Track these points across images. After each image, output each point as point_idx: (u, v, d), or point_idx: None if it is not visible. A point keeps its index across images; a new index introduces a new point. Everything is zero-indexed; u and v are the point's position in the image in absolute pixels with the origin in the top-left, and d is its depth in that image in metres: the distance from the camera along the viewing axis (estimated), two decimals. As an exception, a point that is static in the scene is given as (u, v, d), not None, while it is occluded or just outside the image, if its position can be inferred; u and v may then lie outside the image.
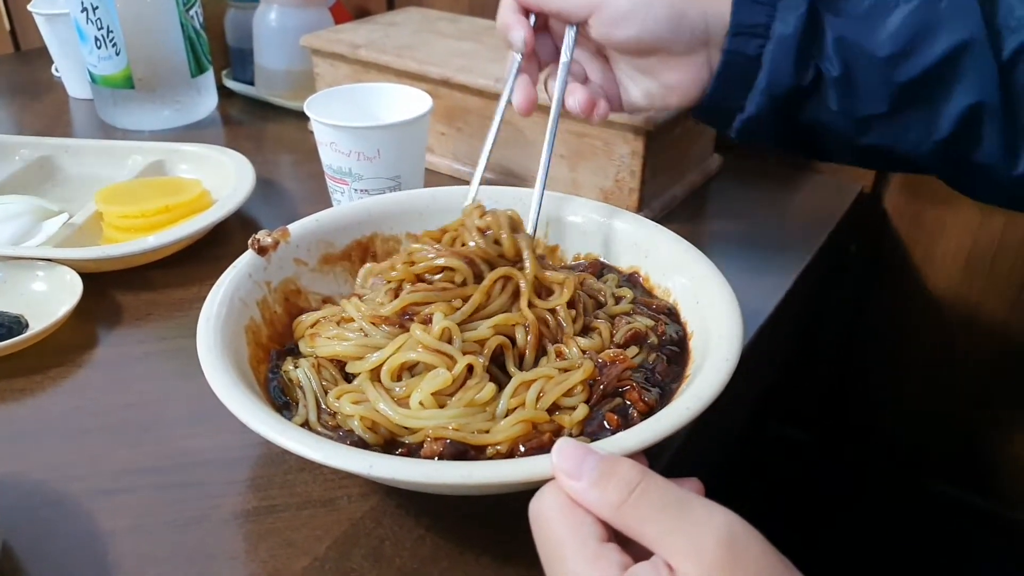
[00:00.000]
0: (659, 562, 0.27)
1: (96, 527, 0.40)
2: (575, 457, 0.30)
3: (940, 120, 0.45)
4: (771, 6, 0.46)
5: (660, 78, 0.50)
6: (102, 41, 0.81)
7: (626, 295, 0.50)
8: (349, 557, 0.38)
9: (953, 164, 0.48)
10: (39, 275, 0.56)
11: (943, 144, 0.46)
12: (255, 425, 0.36)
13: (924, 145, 0.46)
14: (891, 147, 0.48)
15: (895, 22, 0.44)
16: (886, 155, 0.49)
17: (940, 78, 0.44)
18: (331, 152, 0.62)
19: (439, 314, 0.42)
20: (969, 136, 0.45)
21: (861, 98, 0.46)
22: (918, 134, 0.46)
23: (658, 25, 0.47)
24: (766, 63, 0.46)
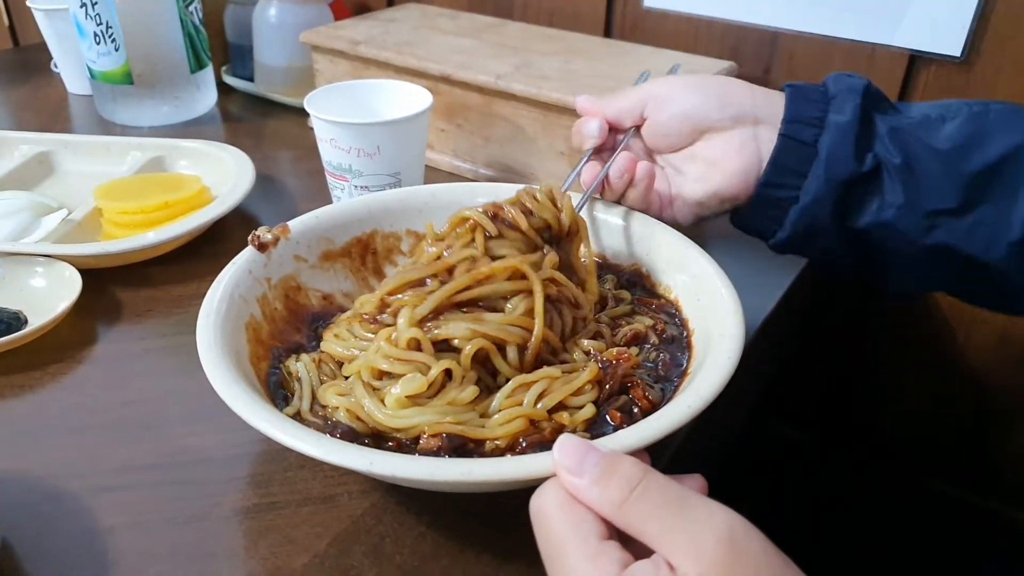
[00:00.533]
0: (659, 560, 0.27)
1: (96, 524, 0.40)
2: (577, 454, 0.30)
3: (1012, 219, 0.44)
4: (825, 103, 0.47)
5: (706, 156, 0.51)
6: (101, 37, 0.81)
7: (625, 297, 0.50)
8: (349, 554, 0.38)
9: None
10: (38, 271, 0.56)
11: (1018, 247, 0.44)
12: (256, 422, 0.36)
13: (997, 248, 0.45)
14: (962, 249, 0.45)
15: (949, 130, 0.45)
16: (956, 259, 0.46)
17: (1004, 175, 0.44)
18: (331, 148, 0.62)
19: (403, 318, 0.41)
20: None
21: (927, 189, 0.45)
22: (989, 233, 0.45)
23: (700, 100, 0.50)
24: (823, 148, 0.46)
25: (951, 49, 0.71)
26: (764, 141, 0.49)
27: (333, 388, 0.41)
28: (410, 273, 0.44)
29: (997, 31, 0.68)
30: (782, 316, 0.60)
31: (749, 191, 0.50)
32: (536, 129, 0.69)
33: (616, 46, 0.78)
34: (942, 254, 0.46)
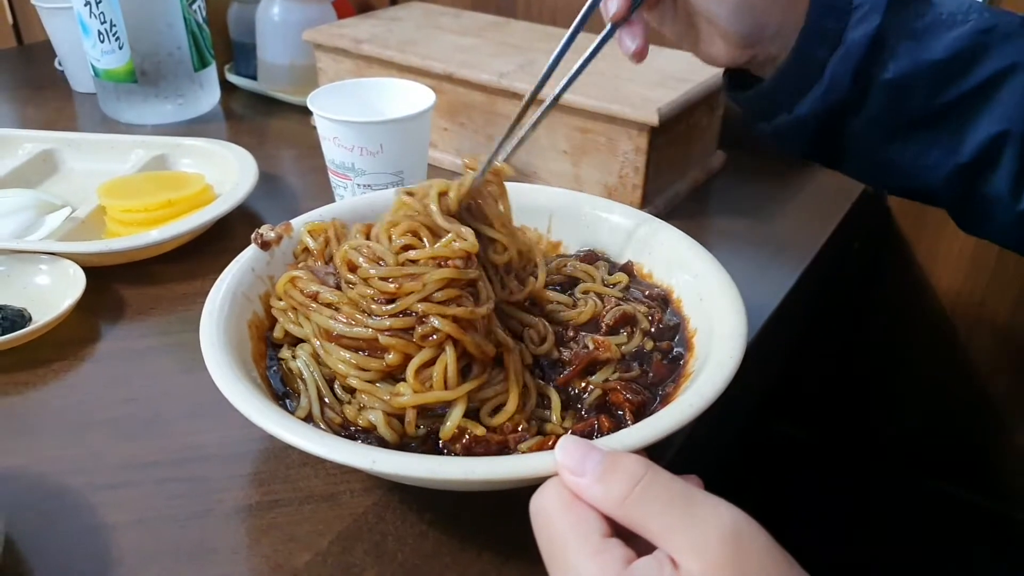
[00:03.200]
0: (662, 556, 0.27)
1: (98, 521, 0.40)
2: (578, 453, 0.30)
3: (964, 144, 0.45)
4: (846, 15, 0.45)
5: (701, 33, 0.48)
6: (105, 35, 0.81)
7: (622, 280, 0.50)
8: (351, 552, 0.38)
9: (963, 194, 0.47)
10: (42, 269, 0.56)
11: (960, 169, 0.46)
12: (259, 420, 0.36)
13: (943, 168, 0.46)
14: (907, 166, 0.47)
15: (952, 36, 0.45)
16: (900, 173, 0.48)
17: (975, 101, 0.44)
18: (334, 147, 0.62)
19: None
20: (985, 165, 0.45)
21: (903, 108, 0.46)
22: (940, 155, 0.46)
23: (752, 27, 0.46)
24: (828, 73, 0.46)
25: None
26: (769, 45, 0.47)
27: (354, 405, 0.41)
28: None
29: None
30: (785, 315, 0.60)
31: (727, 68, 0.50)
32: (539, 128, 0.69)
33: (619, 45, 0.78)
34: (891, 166, 0.48)
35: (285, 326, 0.45)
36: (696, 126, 0.71)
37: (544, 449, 0.38)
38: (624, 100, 0.63)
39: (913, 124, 0.46)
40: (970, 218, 0.50)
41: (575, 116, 0.66)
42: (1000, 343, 0.80)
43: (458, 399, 0.39)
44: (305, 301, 0.43)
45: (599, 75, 0.69)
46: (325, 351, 0.42)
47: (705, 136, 0.74)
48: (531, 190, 0.57)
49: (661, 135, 0.64)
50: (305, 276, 0.45)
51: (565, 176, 0.70)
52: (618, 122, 0.64)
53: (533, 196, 0.56)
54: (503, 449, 0.39)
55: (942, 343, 0.83)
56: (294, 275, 0.45)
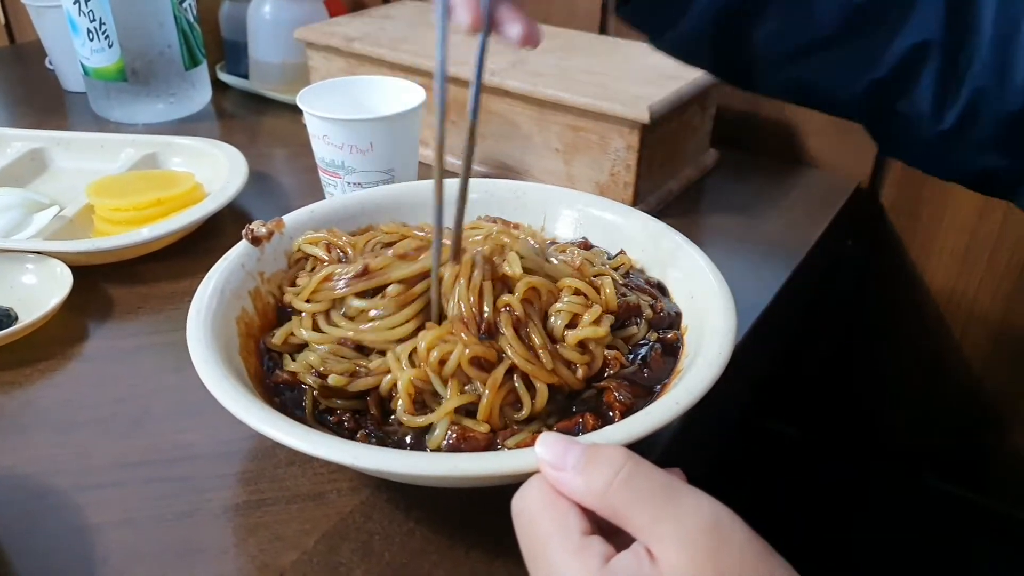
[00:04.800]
0: (639, 549, 0.27)
1: (84, 521, 0.40)
2: (559, 447, 0.30)
3: (881, 57, 0.42)
4: None
5: None
6: (94, 33, 0.81)
7: (625, 263, 0.50)
8: (338, 551, 0.38)
9: (879, 112, 0.44)
10: (29, 268, 0.56)
11: (876, 85, 0.43)
12: (243, 415, 0.35)
13: (857, 84, 0.43)
14: (820, 82, 0.44)
15: None
16: (813, 90, 0.45)
17: (893, 6, 0.41)
18: (324, 145, 0.62)
19: None
20: (904, 80, 0.42)
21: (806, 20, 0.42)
22: (854, 71, 0.43)
23: None
24: None
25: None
26: None
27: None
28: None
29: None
30: (777, 313, 0.60)
31: None
32: (531, 126, 0.69)
33: (611, 43, 0.78)
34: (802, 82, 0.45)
35: (303, 332, 0.45)
36: (688, 124, 0.71)
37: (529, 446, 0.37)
38: (615, 98, 0.63)
39: (823, 37, 0.43)
40: (890, 139, 0.47)
41: (567, 114, 0.66)
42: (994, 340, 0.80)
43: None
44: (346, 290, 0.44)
45: (590, 73, 0.69)
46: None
47: (697, 134, 0.74)
48: (525, 187, 0.57)
49: (653, 133, 0.64)
50: (339, 269, 0.45)
51: (557, 174, 0.69)
52: (610, 120, 0.64)
53: (527, 193, 0.56)
54: (491, 446, 0.38)
55: (936, 340, 0.83)
56: (328, 272, 0.45)
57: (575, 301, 0.43)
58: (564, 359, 0.41)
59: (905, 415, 0.89)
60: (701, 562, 0.25)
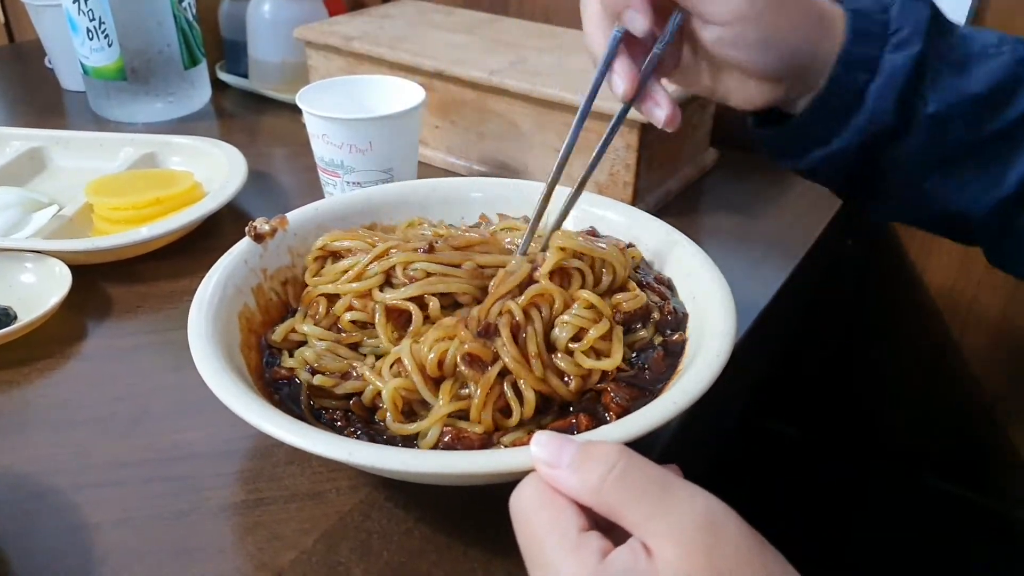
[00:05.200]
0: (636, 545, 0.27)
1: (83, 521, 0.40)
2: (553, 446, 0.30)
3: (1008, 176, 0.44)
4: (883, 40, 0.43)
5: (731, 80, 0.46)
6: (94, 32, 0.81)
7: (636, 256, 0.50)
8: (336, 551, 0.38)
9: (1001, 228, 0.46)
10: (28, 267, 0.56)
11: (1002, 203, 0.44)
12: (238, 409, 0.35)
13: (983, 202, 0.45)
14: (947, 199, 0.45)
15: (990, 69, 0.43)
16: (938, 209, 0.46)
17: (1018, 133, 0.43)
18: (323, 144, 0.62)
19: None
20: None
21: (946, 141, 0.44)
22: (982, 188, 0.44)
23: (780, 61, 0.43)
24: (870, 98, 0.43)
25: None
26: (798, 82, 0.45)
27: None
28: None
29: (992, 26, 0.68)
30: (777, 313, 0.60)
31: (760, 110, 0.47)
32: (530, 126, 0.69)
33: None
34: (928, 200, 0.46)
35: (304, 327, 0.45)
36: (688, 123, 0.70)
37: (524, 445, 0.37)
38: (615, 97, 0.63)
39: (954, 156, 0.44)
40: (1006, 253, 0.48)
41: (566, 113, 0.66)
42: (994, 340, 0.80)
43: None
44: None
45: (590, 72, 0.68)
46: None
47: (697, 133, 0.74)
48: (528, 186, 0.57)
49: (652, 132, 0.64)
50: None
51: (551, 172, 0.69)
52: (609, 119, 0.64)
53: (529, 192, 0.56)
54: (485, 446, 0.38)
55: (936, 340, 0.83)
56: (384, 248, 0.45)
57: (584, 316, 0.42)
58: (558, 370, 0.41)
59: (905, 415, 0.89)
60: (696, 557, 0.26)
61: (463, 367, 0.39)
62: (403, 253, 0.44)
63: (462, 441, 0.38)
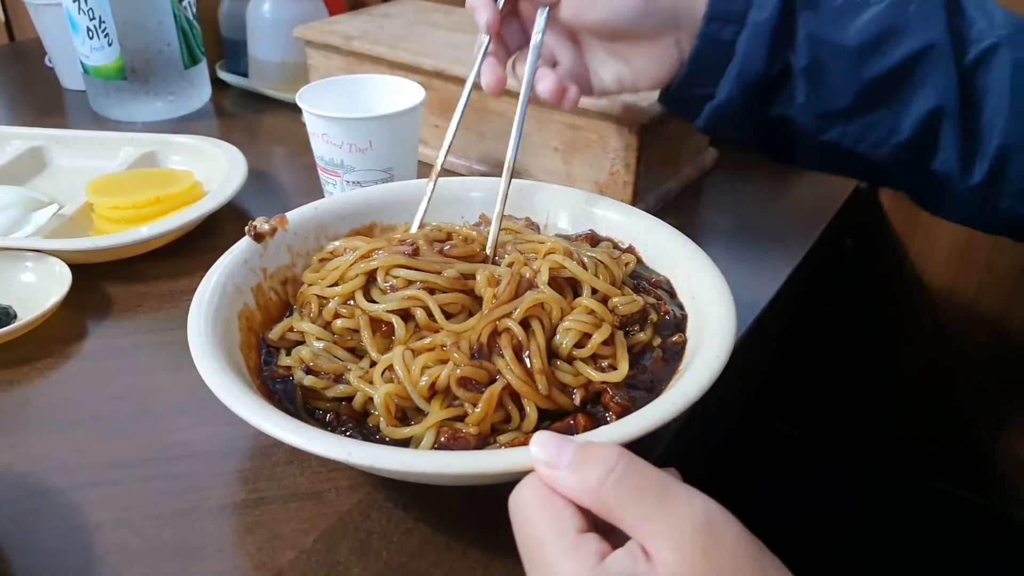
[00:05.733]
0: (635, 547, 0.27)
1: (82, 520, 0.40)
2: (553, 446, 0.30)
3: (902, 122, 0.46)
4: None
5: (629, 61, 0.51)
6: (94, 31, 0.81)
7: (630, 261, 0.50)
8: (336, 550, 0.38)
9: (913, 173, 0.48)
10: (28, 266, 0.56)
11: (903, 148, 0.47)
12: (236, 407, 0.35)
13: (884, 147, 0.47)
14: (852, 147, 0.48)
15: (864, 19, 0.46)
16: (848, 156, 0.49)
17: (903, 79, 0.45)
18: (323, 143, 0.62)
19: None
20: (928, 142, 0.46)
21: (827, 92, 0.47)
22: (879, 135, 0.47)
23: (627, 8, 0.48)
24: (739, 50, 0.47)
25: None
26: (685, 44, 0.49)
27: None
28: None
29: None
30: (777, 313, 0.60)
31: (667, 85, 0.52)
32: (530, 125, 0.69)
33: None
34: (836, 148, 0.49)
35: (303, 325, 0.45)
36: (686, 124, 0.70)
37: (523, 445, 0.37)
38: (615, 97, 0.63)
39: (843, 106, 0.47)
40: (927, 197, 0.50)
41: (566, 113, 0.66)
42: (994, 340, 0.80)
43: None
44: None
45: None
46: None
47: (697, 133, 0.74)
48: (528, 187, 0.57)
49: (652, 132, 0.64)
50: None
51: (556, 173, 0.69)
52: (609, 119, 0.64)
53: (530, 193, 0.56)
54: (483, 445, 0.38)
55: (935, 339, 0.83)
56: (372, 247, 0.46)
57: (585, 320, 0.42)
58: (560, 383, 0.41)
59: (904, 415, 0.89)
60: (694, 560, 0.26)
61: (458, 390, 0.39)
62: (386, 255, 0.44)
63: (458, 441, 0.38)
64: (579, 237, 0.53)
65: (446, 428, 0.39)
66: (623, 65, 0.52)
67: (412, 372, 0.40)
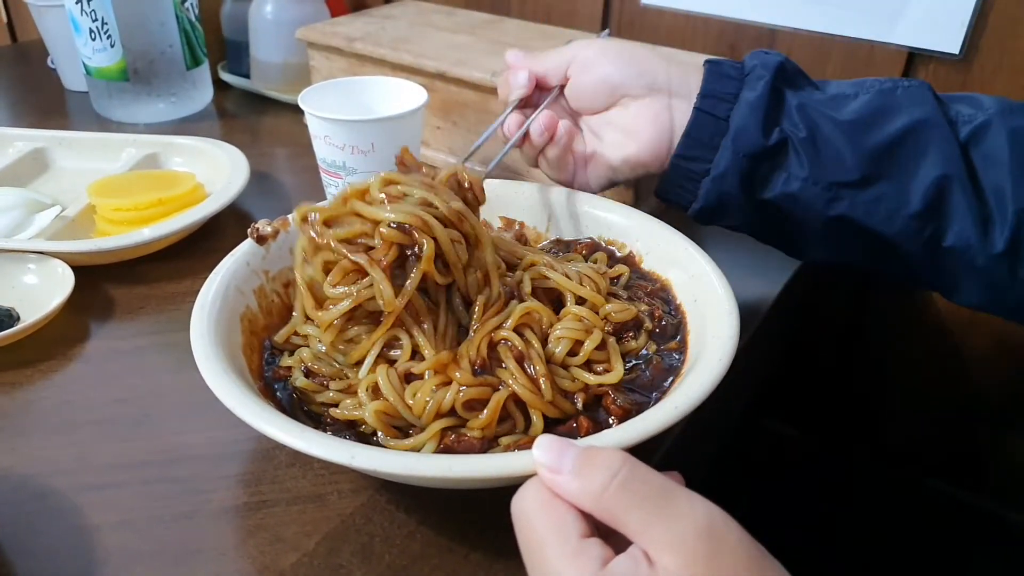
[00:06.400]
0: (637, 553, 0.27)
1: (84, 522, 0.40)
2: (556, 451, 0.30)
3: (910, 192, 0.45)
4: (739, 80, 0.49)
5: (622, 123, 0.52)
6: (96, 33, 0.81)
7: (623, 272, 0.50)
8: (338, 553, 0.38)
9: (929, 251, 0.46)
10: (31, 268, 0.56)
11: (915, 220, 0.45)
12: (239, 410, 0.36)
13: (897, 220, 0.46)
14: (863, 222, 0.47)
15: (855, 104, 0.47)
16: (859, 235, 0.48)
17: (905, 147, 0.45)
18: (325, 145, 0.62)
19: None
20: (940, 211, 0.45)
21: (830, 162, 0.46)
22: (889, 206, 0.46)
23: (618, 67, 0.52)
24: (733, 123, 0.48)
25: (950, 47, 0.70)
26: (678, 113, 0.50)
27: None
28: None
29: (996, 29, 0.68)
30: (779, 315, 0.60)
31: (662, 161, 0.52)
32: (532, 126, 0.69)
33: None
34: (845, 226, 0.48)
35: (307, 329, 0.44)
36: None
37: (525, 448, 0.37)
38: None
39: (850, 178, 0.46)
40: (946, 279, 0.48)
41: (568, 114, 0.66)
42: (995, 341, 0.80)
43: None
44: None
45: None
46: None
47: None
48: (530, 188, 0.57)
49: (654, 133, 0.64)
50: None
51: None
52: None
53: (531, 194, 0.56)
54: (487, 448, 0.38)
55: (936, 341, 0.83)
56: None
57: (576, 327, 0.42)
58: (562, 390, 0.41)
59: (905, 416, 0.89)
60: (696, 565, 0.26)
61: (465, 412, 0.39)
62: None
63: (462, 444, 0.38)
64: (580, 245, 0.53)
65: (449, 432, 0.39)
66: (616, 131, 0.53)
67: (416, 398, 0.39)
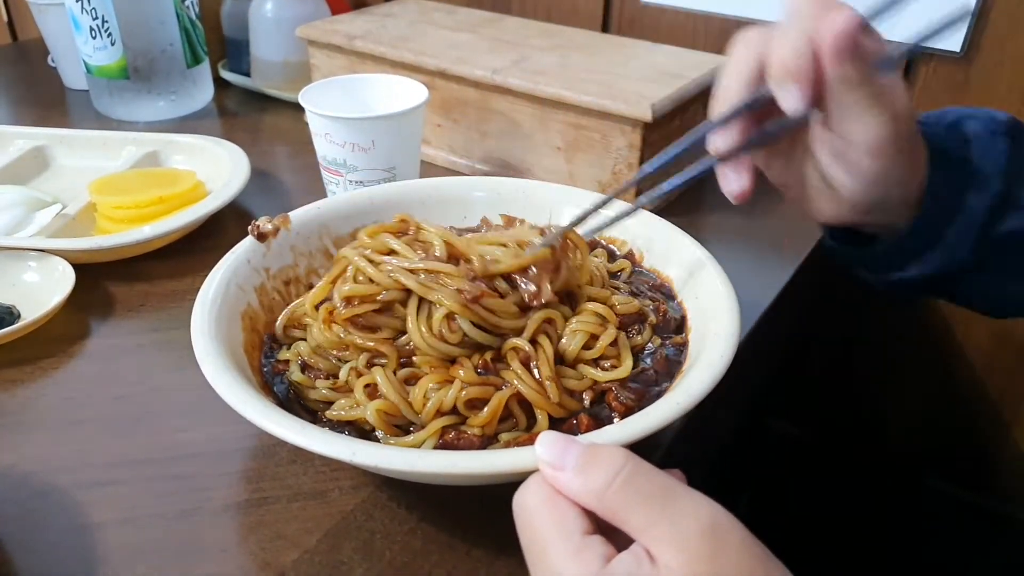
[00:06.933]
0: (639, 551, 0.27)
1: (86, 519, 0.40)
2: (558, 447, 0.30)
3: None
4: (964, 183, 0.43)
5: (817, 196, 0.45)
6: (97, 31, 0.81)
7: (625, 267, 0.50)
8: (339, 550, 0.38)
9: None
10: (31, 266, 0.56)
11: None
12: (240, 407, 0.36)
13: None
14: None
15: None
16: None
17: None
18: (325, 143, 0.62)
19: None
20: None
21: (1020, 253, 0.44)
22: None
23: (881, 195, 0.41)
24: (949, 238, 0.43)
25: (951, 45, 0.70)
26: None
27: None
28: None
29: (997, 27, 0.68)
30: (780, 312, 0.60)
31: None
32: (533, 124, 0.69)
33: (613, 41, 0.78)
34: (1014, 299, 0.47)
35: (311, 324, 0.44)
36: (691, 122, 0.70)
37: (527, 444, 0.37)
38: (618, 96, 0.63)
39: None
40: None
41: (569, 112, 0.66)
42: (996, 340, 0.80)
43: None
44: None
45: (592, 71, 0.68)
46: None
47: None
48: (532, 186, 0.57)
49: (655, 131, 0.64)
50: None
51: (559, 172, 0.69)
52: (612, 118, 0.64)
53: (534, 192, 0.56)
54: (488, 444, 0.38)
55: (939, 340, 0.83)
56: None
57: (590, 321, 0.42)
58: (569, 390, 0.41)
59: (906, 415, 0.89)
60: (699, 564, 0.26)
61: (466, 411, 0.39)
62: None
63: (462, 441, 0.38)
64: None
65: (450, 428, 0.39)
66: (807, 187, 0.45)
67: (414, 396, 0.39)
